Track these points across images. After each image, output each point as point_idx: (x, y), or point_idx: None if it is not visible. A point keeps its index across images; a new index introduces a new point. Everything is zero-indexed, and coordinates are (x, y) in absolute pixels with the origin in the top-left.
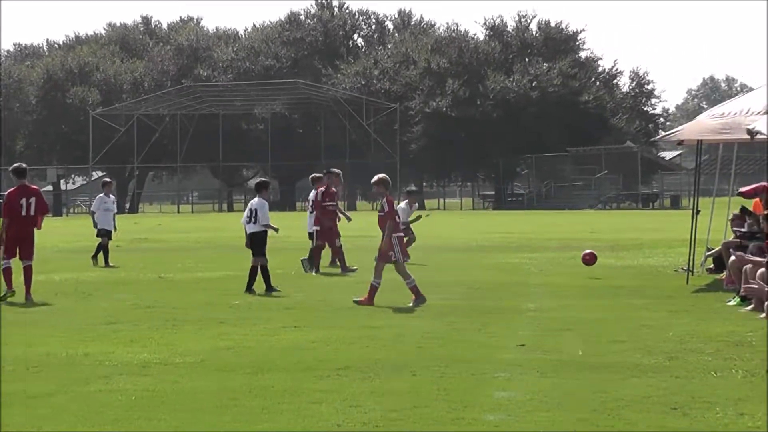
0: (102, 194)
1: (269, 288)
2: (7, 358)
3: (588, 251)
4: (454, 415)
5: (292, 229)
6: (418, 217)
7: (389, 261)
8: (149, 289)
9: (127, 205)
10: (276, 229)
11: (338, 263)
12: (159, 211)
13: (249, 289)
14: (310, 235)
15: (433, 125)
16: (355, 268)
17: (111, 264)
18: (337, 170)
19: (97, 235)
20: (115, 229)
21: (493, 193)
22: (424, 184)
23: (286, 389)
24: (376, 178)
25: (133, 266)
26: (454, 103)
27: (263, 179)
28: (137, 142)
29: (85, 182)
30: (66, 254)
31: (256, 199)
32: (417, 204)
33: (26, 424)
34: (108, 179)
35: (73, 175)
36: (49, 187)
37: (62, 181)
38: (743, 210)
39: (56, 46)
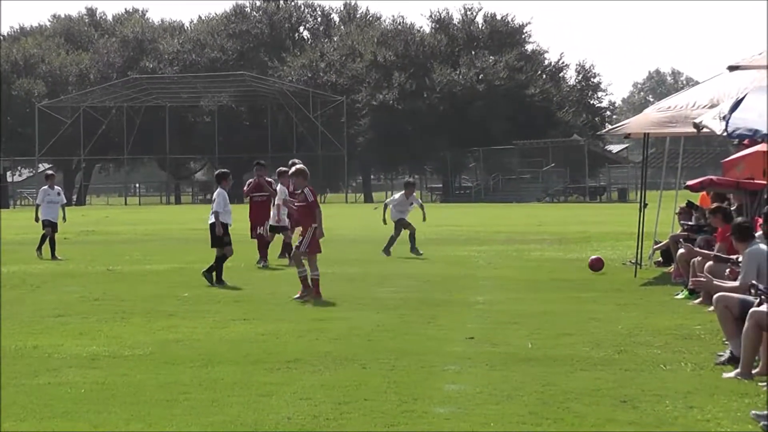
0: (46, 187)
1: (219, 281)
2: None
3: (595, 257)
4: (404, 407)
5: (239, 221)
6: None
7: (318, 251)
8: (97, 282)
9: (75, 198)
10: (222, 228)
11: (287, 256)
12: (106, 203)
13: (219, 279)
14: (272, 228)
15: (380, 118)
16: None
17: (58, 257)
18: (263, 162)
19: (43, 227)
20: (64, 220)
21: (441, 186)
22: (372, 177)
23: (235, 382)
24: (293, 169)
25: (81, 258)
26: (400, 96)
27: (223, 170)
28: (84, 134)
29: (31, 174)
30: (13, 246)
31: (218, 189)
32: (414, 195)
33: None
34: (51, 172)
35: (19, 168)
36: None
37: (8, 173)
38: (689, 204)
39: (1, 37)
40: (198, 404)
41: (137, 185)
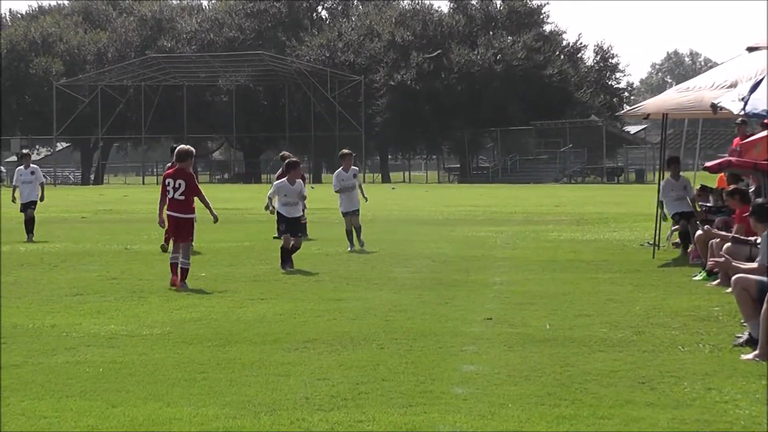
0: (21, 167)
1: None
2: None
3: None
4: (422, 388)
5: (255, 201)
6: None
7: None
8: (115, 261)
9: (92, 177)
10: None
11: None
12: (124, 182)
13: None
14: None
15: (398, 98)
16: None
17: (33, 239)
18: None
19: (21, 210)
20: (41, 199)
21: (458, 166)
22: (390, 156)
23: (253, 362)
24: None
25: (99, 238)
26: (418, 76)
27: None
28: (101, 113)
29: (49, 153)
30: None
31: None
32: (355, 167)
33: None
34: (26, 151)
35: (36, 146)
36: (13, 158)
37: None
38: (703, 187)
39: (19, 16)
40: (215, 384)
41: (155, 164)
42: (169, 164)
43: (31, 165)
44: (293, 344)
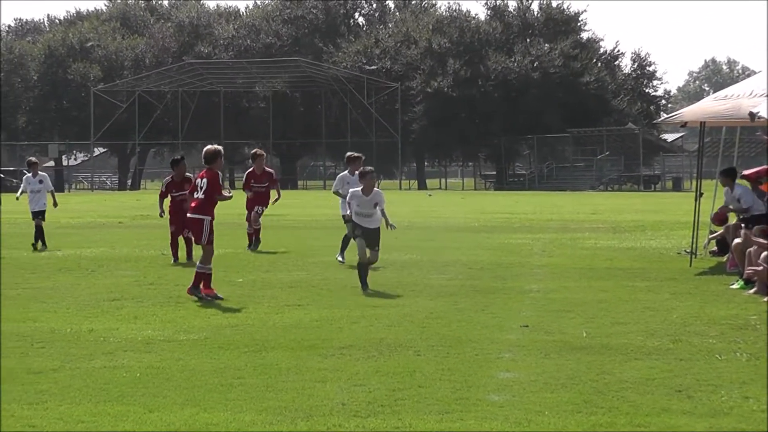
0: (29, 175)
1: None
2: (10, 334)
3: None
4: (459, 395)
5: (291, 207)
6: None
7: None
8: (152, 266)
9: (129, 182)
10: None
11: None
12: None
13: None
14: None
15: (435, 105)
16: None
17: (41, 248)
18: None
19: (32, 218)
20: (54, 205)
21: (495, 173)
22: (426, 163)
23: (290, 367)
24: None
25: (136, 243)
26: (455, 83)
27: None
28: (138, 118)
29: (86, 158)
30: (67, 230)
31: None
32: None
33: (30, 399)
34: (34, 159)
35: (74, 151)
36: (51, 163)
37: (64, 157)
38: None
39: (57, 21)
40: (252, 389)
41: (192, 170)
42: (169, 178)
43: (40, 173)
44: (330, 350)
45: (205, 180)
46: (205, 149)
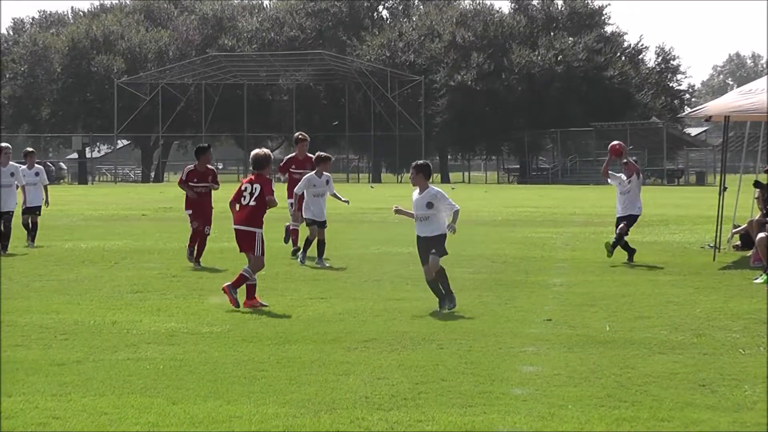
0: (24, 167)
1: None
2: (34, 325)
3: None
4: (481, 388)
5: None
6: None
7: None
8: (175, 258)
9: (152, 174)
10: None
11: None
12: None
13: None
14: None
15: (458, 98)
16: None
17: (33, 245)
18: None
19: (23, 213)
20: (46, 204)
21: (518, 167)
22: (449, 157)
23: (312, 360)
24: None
25: (159, 235)
26: (478, 77)
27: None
28: (162, 111)
29: (110, 150)
30: (92, 222)
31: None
32: (328, 174)
33: (54, 391)
34: (30, 149)
35: (98, 143)
36: (75, 155)
37: (87, 149)
38: (756, 184)
39: (81, 14)
40: (275, 382)
41: (215, 163)
42: (191, 166)
43: (36, 165)
44: (353, 343)
45: (257, 186)
46: (254, 154)
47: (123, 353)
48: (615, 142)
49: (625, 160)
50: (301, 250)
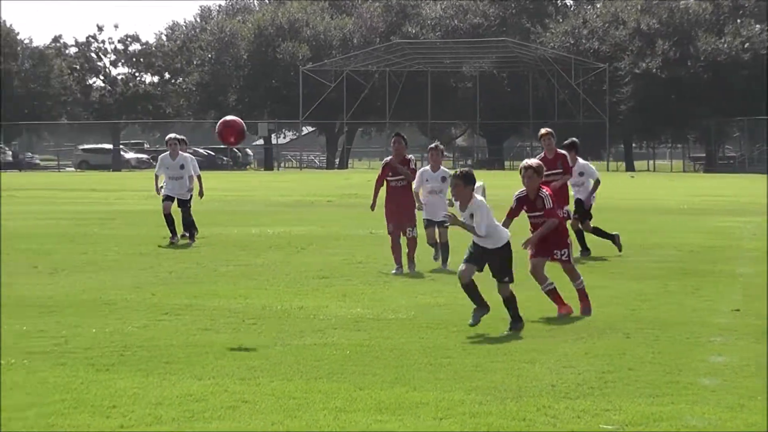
0: (165, 154)
1: None
2: (222, 309)
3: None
4: (669, 378)
5: (498, 188)
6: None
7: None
8: (360, 245)
9: (337, 161)
10: None
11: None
12: (368, 167)
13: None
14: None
15: (643, 86)
16: None
17: (176, 237)
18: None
19: (164, 200)
20: (201, 195)
21: (704, 155)
22: (633, 145)
23: (498, 348)
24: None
25: (345, 222)
26: (664, 65)
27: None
28: (346, 98)
29: (295, 137)
30: (278, 208)
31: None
32: (446, 169)
33: (242, 375)
34: (174, 135)
35: (283, 130)
36: (260, 141)
37: (273, 135)
38: None
39: (267, 1)
40: (461, 369)
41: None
42: (388, 158)
43: (182, 153)
44: (539, 331)
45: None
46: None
47: (310, 338)
48: None
49: None
50: (434, 251)
